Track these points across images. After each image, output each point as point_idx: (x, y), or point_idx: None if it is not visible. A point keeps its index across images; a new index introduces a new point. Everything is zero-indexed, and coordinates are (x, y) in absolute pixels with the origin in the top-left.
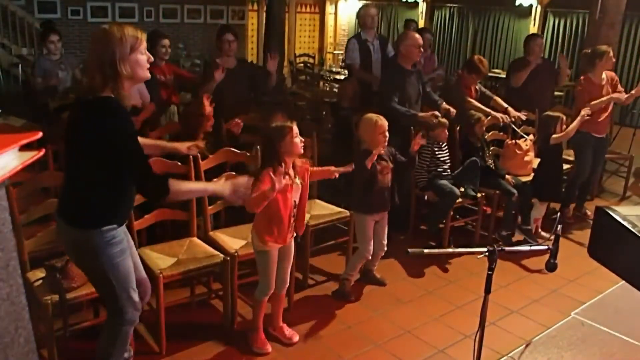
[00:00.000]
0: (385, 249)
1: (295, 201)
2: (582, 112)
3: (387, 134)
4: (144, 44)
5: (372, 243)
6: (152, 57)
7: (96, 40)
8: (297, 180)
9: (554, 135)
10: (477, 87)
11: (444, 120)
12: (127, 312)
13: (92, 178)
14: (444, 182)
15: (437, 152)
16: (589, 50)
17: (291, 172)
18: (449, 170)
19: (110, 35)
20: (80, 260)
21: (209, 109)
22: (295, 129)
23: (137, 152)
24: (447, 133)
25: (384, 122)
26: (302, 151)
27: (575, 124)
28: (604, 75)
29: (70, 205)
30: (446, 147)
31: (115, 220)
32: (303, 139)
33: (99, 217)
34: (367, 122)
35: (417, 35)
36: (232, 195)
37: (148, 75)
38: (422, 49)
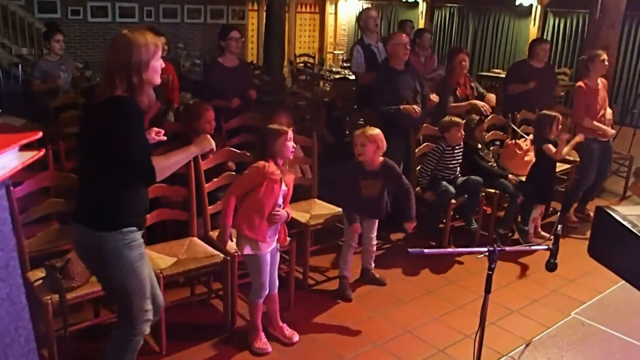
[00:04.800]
0: (375, 243)
1: (279, 202)
2: (577, 139)
3: (382, 145)
4: (160, 50)
5: (357, 236)
6: (164, 63)
7: (120, 46)
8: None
9: (549, 146)
10: (472, 85)
11: (458, 119)
12: (138, 322)
13: (109, 178)
14: (443, 182)
15: (446, 157)
16: (585, 57)
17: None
18: (452, 176)
19: (136, 43)
20: (97, 265)
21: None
22: (290, 134)
23: (138, 147)
24: (463, 133)
25: (372, 133)
26: (291, 156)
27: (568, 148)
28: (599, 82)
29: (88, 208)
30: (460, 151)
31: (134, 222)
32: (296, 146)
33: (118, 218)
34: (360, 134)
35: (403, 35)
36: (204, 146)
37: (159, 80)
38: (408, 47)
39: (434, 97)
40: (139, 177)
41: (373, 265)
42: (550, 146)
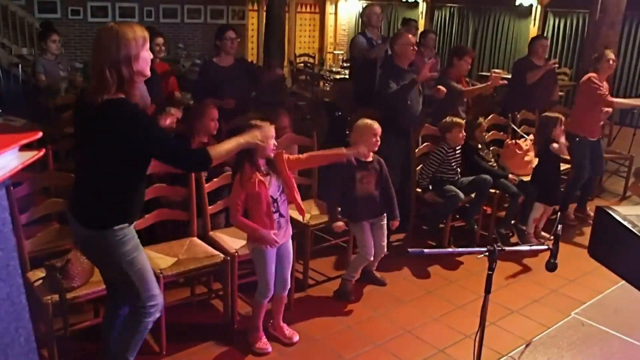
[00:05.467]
0: (386, 250)
1: (273, 197)
2: (563, 148)
3: (379, 138)
4: (148, 42)
5: (372, 245)
6: (152, 53)
7: (108, 41)
8: (271, 178)
9: (554, 145)
10: (467, 80)
11: (459, 120)
12: (148, 306)
13: (109, 180)
14: (449, 185)
15: (449, 158)
16: (596, 55)
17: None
18: (455, 177)
19: (124, 36)
20: (96, 258)
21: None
22: (272, 132)
23: (167, 138)
24: (465, 134)
25: (377, 126)
26: (272, 155)
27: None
28: (605, 84)
29: (84, 207)
30: (460, 151)
31: (127, 220)
32: (277, 143)
33: (111, 218)
34: (361, 125)
35: (410, 35)
36: (262, 140)
37: (149, 72)
38: (416, 48)
39: (442, 88)
40: (192, 164)
41: (375, 266)
42: (555, 145)
